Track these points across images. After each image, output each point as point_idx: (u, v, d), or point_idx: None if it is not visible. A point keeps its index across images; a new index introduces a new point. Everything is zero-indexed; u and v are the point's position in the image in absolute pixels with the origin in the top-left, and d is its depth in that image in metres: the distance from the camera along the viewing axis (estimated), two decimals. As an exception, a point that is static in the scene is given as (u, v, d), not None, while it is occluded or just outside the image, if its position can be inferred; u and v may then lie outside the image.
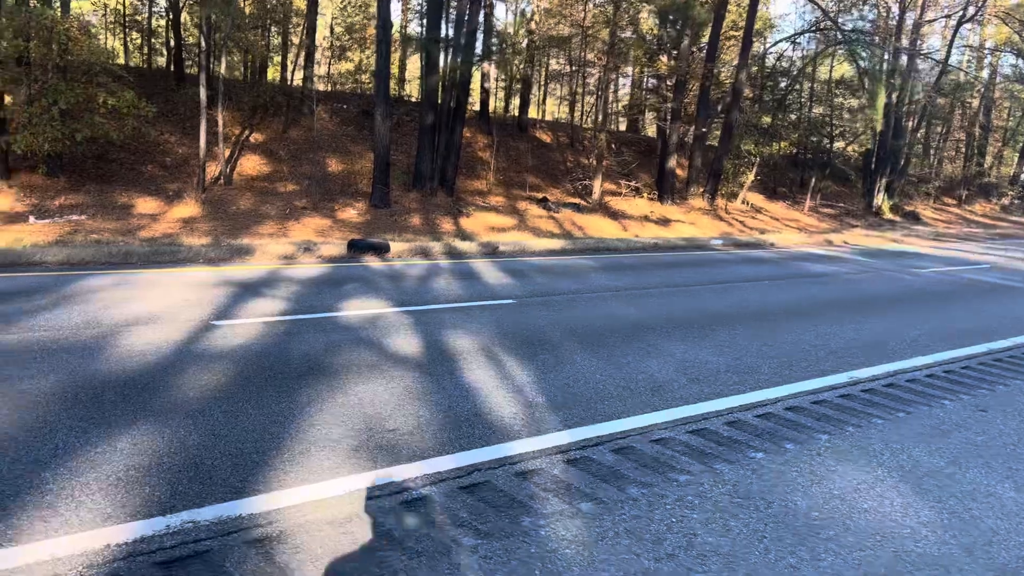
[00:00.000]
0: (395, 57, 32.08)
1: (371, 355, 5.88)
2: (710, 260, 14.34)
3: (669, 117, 26.19)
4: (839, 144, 39.10)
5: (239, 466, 3.72)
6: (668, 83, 26.60)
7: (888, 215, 34.49)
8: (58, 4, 18.28)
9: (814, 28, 33.30)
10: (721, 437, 4.50)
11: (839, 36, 30.29)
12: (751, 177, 29.47)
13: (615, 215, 25.09)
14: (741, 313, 8.64)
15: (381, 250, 12.55)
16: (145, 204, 17.71)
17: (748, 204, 30.41)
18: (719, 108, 30.41)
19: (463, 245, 14.07)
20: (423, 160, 21.79)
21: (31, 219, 15.26)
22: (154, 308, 7.21)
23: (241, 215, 18.20)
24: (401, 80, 36.92)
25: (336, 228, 18.30)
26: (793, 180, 36.25)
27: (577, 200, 26.06)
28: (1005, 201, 45.45)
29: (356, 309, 7.63)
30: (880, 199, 34.57)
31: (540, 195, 25.96)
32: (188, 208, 17.92)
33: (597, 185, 25.47)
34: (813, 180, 32.32)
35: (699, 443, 4.38)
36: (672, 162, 26.75)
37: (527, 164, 29.50)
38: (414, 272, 10.68)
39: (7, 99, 16.62)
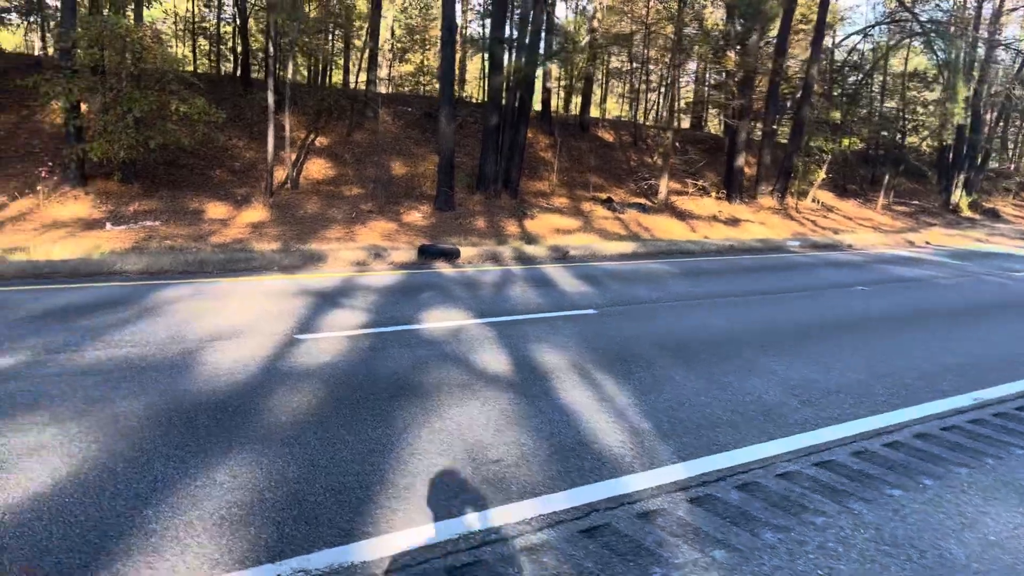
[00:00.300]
0: (455, 58, 31.96)
1: (460, 373, 5.65)
2: (789, 264, 13.80)
3: (738, 114, 25.51)
4: (912, 139, 37.76)
5: (343, 503, 3.51)
6: (735, 79, 25.92)
7: (966, 212, 33.16)
8: (131, 13, 18.58)
9: (889, 19, 32.14)
10: (850, 471, 4.14)
11: (916, 27, 29.15)
12: (822, 175, 28.57)
13: (682, 215, 24.57)
14: (836, 323, 8.19)
15: (451, 256, 12.37)
16: (215, 209, 17.88)
17: (818, 203, 29.53)
18: (788, 104, 29.57)
19: (532, 249, 13.81)
20: (487, 162, 21.61)
21: (108, 226, 15.50)
22: (236, 321, 7.11)
23: (308, 219, 18.26)
24: (461, 81, 36.85)
25: (402, 232, 18.23)
26: (864, 177, 35.11)
27: (642, 200, 25.60)
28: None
29: (437, 321, 7.42)
30: (958, 196, 33.27)
31: (604, 195, 25.58)
32: (257, 213, 18.05)
33: (663, 185, 24.96)
34: (887, 177, 31.21)
35: (828, 478, 4.03)
36: (741, 160, 26.09)
37: (589, 164, 29.13)
38: (487, 279, 10.45)
39: (83, 107, 16.93)
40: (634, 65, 34.05)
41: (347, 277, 10.20)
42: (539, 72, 27.59)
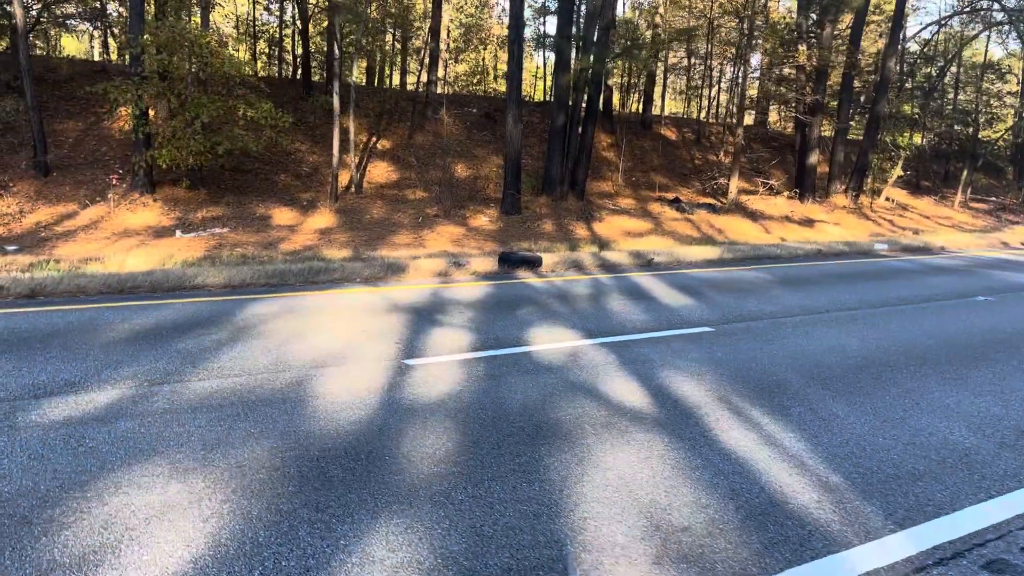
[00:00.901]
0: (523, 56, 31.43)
1: (597, 407, 5.08)
2: (887, 270, 12.96)
3: (810, 110, 24.53)
4: (986, 133, 36.19)
5: (527, 588, 2.97)
6: (806, 73, 24.93)
7: (1048, 209, 31.58)
8: (197, 18, 18.40)
9: (969, 7, 30.75)
10: (1106, 542, 3.47)
11: (999, 16, 27.79)
12: (898, 172, 27.40)
13: (753, 216, 23.71)
14: (983, 341, 7.44)
15: (534, 264, 11.82)
16: (281, 215, 17.60)
17: (892, 201, 28.37)
18: (861, 99, 28.45)
19: (613, 256, 13.19)
20: (553, 163, 21.03)
21: (178, 233, 15.28)
22: (335, 342, 6.64)
23: (375, 224, 17.89)
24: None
25: (471, 237, 17.75)
26: (936, 173, 33.70)
27: (710, 200, 24.81)
28: None
29: (547, 341, 6.86)
30: (1038, 191, 31.70)
31: (671, 195, 24.84)
32: (323, 218, 17.73)
33: (733, 184, 24.12)
34: (965, 173, 29.86)
35: (1084, 552, 3.37)
36: (813, 158, 25.13)
37: (652, 163, 28.39)
38: (579, 290, 9.88)
39: (151, 114, 16.75)
40: (694, 61, 33.14)
41: (433, 290, 9.71)
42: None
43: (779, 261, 13.92)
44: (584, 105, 21.53)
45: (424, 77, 26.73)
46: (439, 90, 26.38)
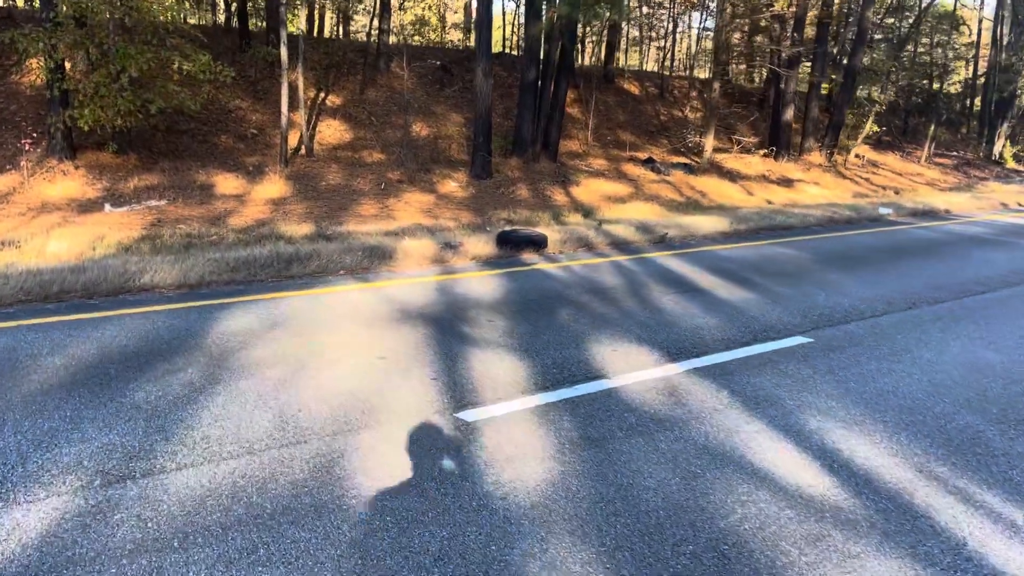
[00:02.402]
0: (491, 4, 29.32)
1: (771, 499, 3.54)
2: (923, 242, 11.72)
3: (787, 63, 23.19)
4: (948, 86, 35.63)
5: None
6: (781, 23, 23.53)
7: (1011, 164, 31.26)
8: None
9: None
10: None
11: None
12: (872, 128, 26.41)
13: (731, 176, 22.45)
14: None
15: (539, 245, 10.17)
16: (225, 182, 15.48)
17: (862, 158, 27.46)
18: (835, 51, 27.25)
19: (619, 231, 11.63)
20: (524, 121, 19.24)
21: (107, 207, 13.10)
22: (351, 380, 4.93)
23: (333, 192, 15.92)
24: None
25: (442, 205, 15.97)
26: (898, 128, 32.99)
27: (684, 159, 23.43)
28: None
29: (625, 368, 5.27)
30: (1001, 147, 31.29)
31: (642, 155, 23.36)
32: (274, 186, 15.67)
33: (708, 143, 22.76)
34: (932, 128, 29.12)
35: None
36: (789, 114, 23.91)
37: (618, 119, 26.82)
38: (607, 280, 8.30)
39: (67, 67, 14.34)
40: (659, 11, 31.46)
41: (436, 284, 7.99)
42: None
43: (796, 232, 12.56)
44: (557, 58, 19.71)
45: (376, 25, 24.39)
46: (391, 40, 24.14)
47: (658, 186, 20.15)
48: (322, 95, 20.73)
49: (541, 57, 19.53)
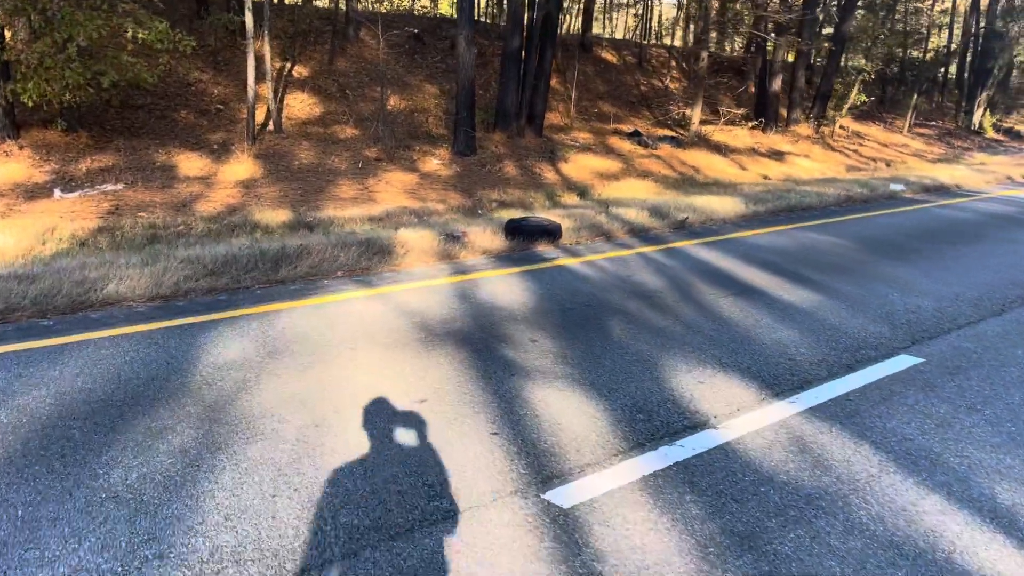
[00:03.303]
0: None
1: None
2: (960, 224, 10.90)
3: (775, 30, 22.23)
4: (924, 55, 35.05)
5: None
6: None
7: (990, 134, 30.85)
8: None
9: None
10: None
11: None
12: (861, 97, 25.65)
13: (720, 149, 21.54)
14: None
15: (554, 235, 9.10)
16: (188, 163, 14.11)
17: (846, 129, 26.74)
18: (821, 18, 26.35)
19: (631, 214, 10.62)
20: (507, 93, 18.05)
21: (57, 193, 11.71)
22: (394, 440, 3.85)
23: (307, 172, 14.65)
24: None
25: (427, 185, 14.80)
26: (878, 98, 32.34)
27: (670, 132, 22.43)
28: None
29: (727, 411, 4.27)
30: (980, 116, 30.84)
31: (627, 128, 22.32)
32: (242, 166, 14.34)
33: (696, 115, 21.80)
34: (914, 98, 28.49)
35: None
36: (776, 84, 23.02)
37: (598, 90, 25.70)
38: (646, 280, 7.29)
39: (7, 35, 12.79)
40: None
41: (453, 288, 6.89)
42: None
43: (816, 214, 11.66)
44: (541, 25, 18.47)
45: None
46: (359, 5, 22.63)
47: (648, 161, 19.15)
48: (288, 66, 19.26)
49: (526, 25, 18.29)
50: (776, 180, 18.03)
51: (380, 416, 4.09)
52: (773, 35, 21.11)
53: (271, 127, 16.50)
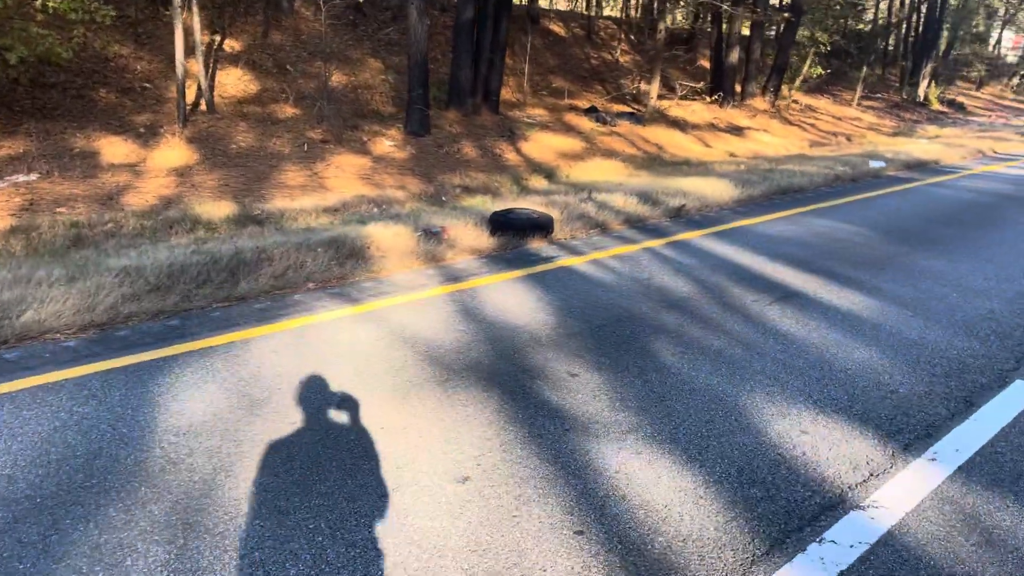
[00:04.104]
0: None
1: None
2: (971, 205, 10.27)
3: (730, 1, 21.43)
4: (863, 26, 34.92)
5: None
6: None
7: (935, 106, 30.89)
8: None
9: None
10: None
11: None
12: (815, 71, 25.15)
13: (679, 125, 20.73)
14: None
15: (546, 230, 8.06)
16: (112, 148, 12.57)
17: (799, 103, 26.29)
18: (773, -12, 25.71)
19: (618, 202, 9.67)
20: (461, 68, 16.83)
21: (-43, 189, 10.12)
22: (444, 551, 2.77)
23: (248, 157, 13.26)
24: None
25: (382, 170, 13.58)
26: (831, 71, 31.96)
27: (627, 108, 21.52)
28: (1016, 81, 42.40)
29: (858, 477, 3.34)
30: (925, 88, 30.82)
31: (581, 103, 21.36)
32: (173, 151, 12.86)
33: (653, 90, 20.96)
34: (864, 70, 28.21)
35: None
36: (734, 57, 22.29)
37: (549, 64, 24.61)
38: (670, 283, 6.36)
39: None
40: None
41: (451, 300, 5.81)
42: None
43: (811, 196, 10.92)
44: (496, -7, 17.26)
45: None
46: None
47: (610, 139, 18.20)
48: (219, 40, 17.61)
49: (478, -7, 17.05)
50: (744, 157, 17.32)
51: (419, 517, 3.00)
52: (729, 5, 20.28)
53: (203, 107, 14.97)
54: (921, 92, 30.49)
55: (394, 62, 19.23)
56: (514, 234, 7.91)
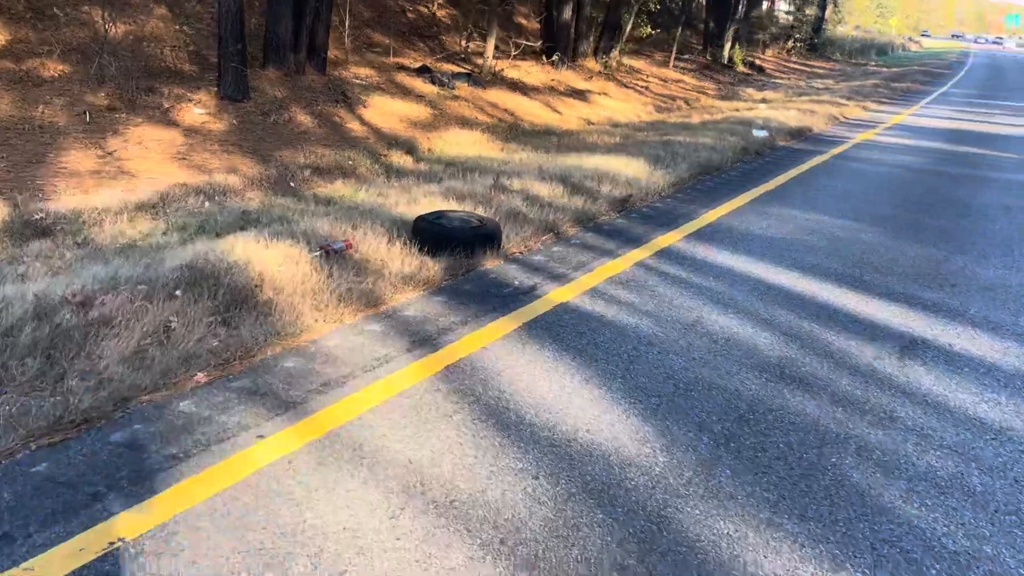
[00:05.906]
0: None
1: None
2: (895, 180, 9.34)
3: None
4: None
5: None
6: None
7: (741, 68, 31.46)
8: None
9: None
10: None
11: None
12: (643, 30, 24.30)
13: (519, 88, 19.03)
14: None
15: (494, 239, 5.93)
16: None
17: (624, 65, 25.46)
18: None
19: (547, 192, 7.72)
20: (280, 19, 13.96)
21: None
22: None
23: (8, 132, 9.91)
24: None
25: (199, 147, 10.71)
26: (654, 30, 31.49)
27: (460, 68, 19.45)
28: (789, 44, 44.84)
29: None
30: (729, 50, 31.28)
31: (407, 62, 19.03)
32: None
33: (489, 49, 19.03)
34: (678, 30, 27.92)
35: None
36: (568, 13, 20.81)
37: (364, 17, 21.84)
38: (761, 341, 4.57)
39: None
40: None
41: (437, 387, 3.63)
42: None
43: (737, 175, 9.55)
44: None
45: None
46: None
47: (456, 104, 16.07)
48: (-56, -29, 13.34)
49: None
50: (602, 124, 15.90)
51: None
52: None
53: (-69, 62, 11.06)
54: (726, 54, 30.84)
55: (188, 8, 15.76)
56: (452, 249, 5.69)
